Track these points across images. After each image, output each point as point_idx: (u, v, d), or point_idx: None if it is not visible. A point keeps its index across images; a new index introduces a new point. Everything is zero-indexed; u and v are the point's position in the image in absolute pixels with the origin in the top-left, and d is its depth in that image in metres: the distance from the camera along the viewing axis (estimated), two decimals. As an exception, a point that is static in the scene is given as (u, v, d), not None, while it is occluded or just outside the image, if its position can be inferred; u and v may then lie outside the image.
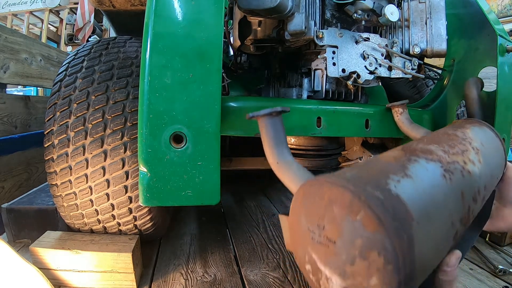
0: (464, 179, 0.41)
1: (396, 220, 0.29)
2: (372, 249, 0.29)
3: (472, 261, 1.07)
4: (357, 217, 0.30)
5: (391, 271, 0.28)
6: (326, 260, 0.34)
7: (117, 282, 0.85)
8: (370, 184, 0.31)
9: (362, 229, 0.29)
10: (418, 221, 0.31)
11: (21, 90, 4.18)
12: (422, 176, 0.36)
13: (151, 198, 0.57)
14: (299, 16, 0.68)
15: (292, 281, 0.93)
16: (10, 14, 4.83)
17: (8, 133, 1.44)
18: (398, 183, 0.33)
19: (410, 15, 0.80)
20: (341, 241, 0.32)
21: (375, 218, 0.28)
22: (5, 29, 1.52)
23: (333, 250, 0.33)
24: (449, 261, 0.39)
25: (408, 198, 0.31)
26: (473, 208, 0.42)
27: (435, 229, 0.33)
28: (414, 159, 0.39)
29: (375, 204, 0.29)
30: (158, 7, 0.55)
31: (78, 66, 0.89)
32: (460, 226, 0.38)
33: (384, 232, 0.28)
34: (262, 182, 1.97)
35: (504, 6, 2.62)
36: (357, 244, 0.30)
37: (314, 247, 0.35)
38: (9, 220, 1.09)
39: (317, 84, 0.84)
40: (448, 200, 0.36)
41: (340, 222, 0.31)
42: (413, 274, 0.29)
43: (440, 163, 0.39)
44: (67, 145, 0.81)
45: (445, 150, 0.43)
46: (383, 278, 0.29)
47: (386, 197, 0.30)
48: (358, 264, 0.30)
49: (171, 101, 0.55)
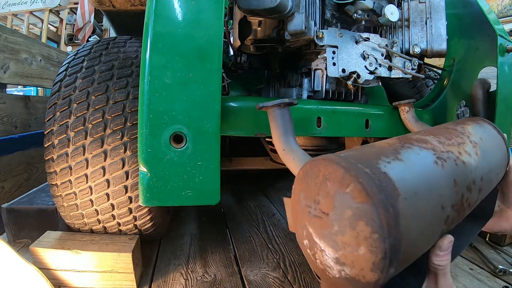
0: (457, 168, 0.42)
1: (382, 192, 0.31)
2: (360, 219, 0.31)
3: (472, 261, 1.07)
4: (347, 190, 0.32)
5: (377, 239, 0.30)
6: (320, 233, 0.37)
7: (117, 282, 0.85)
8: (361, 162, 0.34)
9: (352, 201, 0.32)
10: (406, 197, 0.33)
11: (21, 90, 4.18)
12: (413, 160, 0.38)
13: (151, 198, 0.57)
14: (299, 16, 0.68)
15: (292, 281, 0.93)
16: (10, 14, 4.83)
17: (8, 133, 1.44)
18: (388, 164, 0.35)
19: (410, 15, 0.80)
20: (333, 213, 0.34)
21: (363, 190, 0.31)
22: (5, 29, 1.52)
23: (327, 222, 0.35)
24: (442, 245, 0.40)
25: (396, 176, 0.34)
26: (468, 197, 0.43)
27: (424, 207, 0.35)
28: (408, 146, 0.40)
29: (364, 178, 0.31)
30: (158, 7, 0.55)
31: (78, 66, 0.89)
32: (452, 211, 0.39)
33: (370, 202, 0.31)
34: (262, 182, 1.97)
35: (504, 6, 2.62)
36: (347, 215, 0.33)
37: (311, 221, 0.38)
38: (9, 220, 1.09)
39: (317, 84, 0.84)
40: (438, 184, 0.38)
41: (333, 195, 0.34)
42: (399, 245, 0.31)
43: (433, 151, 0.41)
44: (67, 145, 0.81)
45: (440, 141, 0.45)
46: (370, 246, 0.31)
47: (375, 173, 0.33)
48: (348, 234, 0.33)
49: (171, 101, 0.55)
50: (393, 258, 0.31)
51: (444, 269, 0.42)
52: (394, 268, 0.32)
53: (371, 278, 0.32)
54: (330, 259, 0.36)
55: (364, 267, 0.32)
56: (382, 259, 0.30)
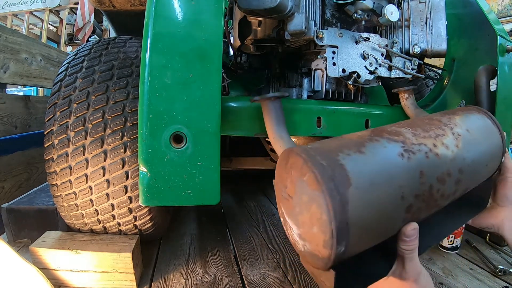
0: (428, 160, 0.44)
1: (332, 182, 0.35)
2: (313, 203, 0.37)
3: (472, 261, 1.07)
4: (304, 178, 0.38)
5: (325, 221, 0.35)
6: (288, 212, 0.43)
7: (117, 282, 0.85)
8: (321, 154, 0.38)
9: (307, 188, 0.37)
10: (358, 187, 0.37)
11: (21, 90, 4.17)
12: (376, 153, 0.41)
13: (151, 198, 0.57)
14: (299, 16, 0.68)
15: (292, 281, 0.93)
16: (10, 14, 4.83)
17: (8, 133, 1.44)
18: (348, 156, 0.39)
19: (410, 15, 0.80)
20: (295, 197, 0.40)
21: (315, 179, 0.36)
22: (5, 29, 1.52)
23: (292, 204, 0.42)
24: (405, 231, 0.43)
25: (352, 168, 0.37)
26: (440, 188, 0.45)
27: (379, 196, 0.38)
28: (376, 139, 0.44)
29: (318, 169, 0.36)
30: (158, 7, 0.55)
31: (78, 66, 0.89)
32: (416, 201, 0.42)
33: (320, 190, 0.35)
34: (262, 182, 1.97)
35: (504, 6, 2.62)
36: (304, 199, 0.38)
37: (283, 202, 0.44)
38: (9, 220, 1.09)
39: (317, 84, 0.84)
40: (398, 175, 0.41)
41: (295, 182, 0.40)
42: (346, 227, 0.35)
43: (402, 144, 0.44)
44: (67, 145, 0.81)
45: (416, 133, 0.47)
46: (320, 227, 0.36)
47: (330, 164, 0.37)
48: (305, 215, 0.39)
49: (171, 101, 0.55)
50: (340, 238, 0.35)
51: (411, 253, 0.44)
52: (343, 247, 0.36)
53: (324, 253, 0.37)
54: (296, 235, 0.43)
55: (318, 243, 0.37)
56: (330, 238, 0.35)
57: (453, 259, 1.09)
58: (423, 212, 0.44)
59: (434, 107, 0.99)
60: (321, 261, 0.38)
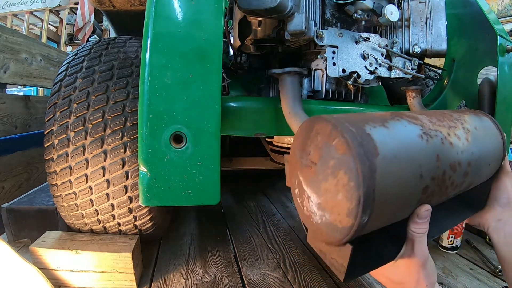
0: (443, 146, 0.44)
1: (362, 147, 0.35)
2: (340, 169, 0.36)
3: (472, 261, 1.07)
4: (333, 143, 0.37)
5: (353, 187, 0.34)
6: (308, 181, 0.42)
7: (117, 282, 0.85)
8: (349, 122, 0.38)
9: (335, 152, 0.37)
10: (384, 157, 0.36)
11: (21, 90, 4.17)
12: (398, 130, 0.42)
13: (151, 198, 0.57)
14: (299, 16, 0.68)
15: (292, 281, 0.93)
16: (10, 14, 4.83)
17: (8, 133, 1.44)
18: (374, 128, 0.39)
19: (410, 15, 0.80)
20: (320, 162, 0.40)
21: (345, 143, 0.35)
22: (5, 29, 1.52)
23: (314, 170, 0.41)
24: (419, 212, 0.43)
25: (378, 139, 0.37)
26: (451, 176, 0.45)
27: (401, 170, 0.38)
28: (397, 118, 0.44)
29: (347, 134, 0.36)
30: (158, 7, 0.54)
31: (78, 66, 0.89)
32: (432, 184, 0.42)
33: (350, 154, 0.35)
34: (262, 182, 1.97)
35: (504, 6, 2.62)
36: (330, 165, 0.38)
37: (302, 170, 0.43)
38: (9, 220, 1.09)
39: (317, 84, 0.84)
40: (418, 154, 0.41)
41: (321, 147, 0.39)
42: (373, 195, 0.34)
43: (421, 127, 0.44)
44: (67, 145, 0.81)
45: (432, 121, 0.47)
46: (347, 193, 0.35)
47: (359, 132, 0.37)
48: (329, 181, 0.38)
49: (171, 101, 0.55)
50: (366, 206, 0.34)
51: (421, 236, 0.45)
52: (367, 216, 0.35)
53: (346, 223, 0.36)
54: (314, 205, 0.41)
55: (341, 212, 0.36)
56: (356, 206, 0.34)
57: (453, 259, 1.09)
58: (435, 196, 0.45)
59: (434, 107, 0.99)
60: (339, 233, 0.37)
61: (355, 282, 0.94)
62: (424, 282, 0.46)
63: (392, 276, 0.47)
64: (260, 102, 0.72)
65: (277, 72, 0.67)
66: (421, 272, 0.45)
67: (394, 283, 0.48)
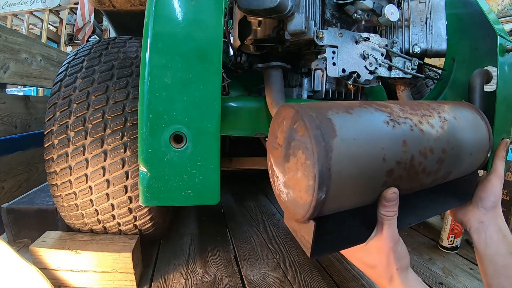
0: (412, 133, 0.46)
1: (318, 130, 0.38)
2: (299, 148, 0.40)
3: (472, 261, 1.07)
4: (294, 126, 0.41)
5: (309, 165, 0.38)
6: (276, 161, 0.46)
7: (117, 282, 0.85)
8: (312, 109, 0.41)
9: (296, 134, 0.41)
10: (342, 139, 0.39)
11: (21, 90, 4.17)
12: (362, 115, 0.44)
13: (151, 198, 0.57)
14: (299, 16, 0.68)
15: (292, 281, 0.93)
16: (10, 14, 4.83)
17: (8, 133, 1.44)
18: (336, 114, 0.42)
19: (410, 15, 0.80)
20: (284, 144, 0.44)
21: (303, 126, 0.39)
22: (5, 29, 1.52)
23: (280, 152, 0.45)
24: (386, 195, 0.45)
25: (338, 123, 0.40)
26: (422, 161, 0.47)
27: (361, 152, 0.40)
28: (365, 106, 0.46)
29: (307, 118, 0.39)
30: (158, 7, 0.54)
31: (78, 66, 0.89)
32: (398, 168, 0.44)
33: (307, 135, 0.38)
34: (262, 182, 1.97)
35: (504, 6, 2.62)
36: (292, 145, 0.42)
37: (272, 152, 0.48)
38: (9, 220, 1.09)
39: (317, 84, 0.84)
40: (382, 138, 0.43)
41: (285, 131, 0.43)
42: (328, 173, 0.37)
43: (389, 114, 0.46)
44: (67, 145, 0.81)
45: (403, 109, 0.49)
46: (304, 171, 0.39)
47: (318, 116, 0.40)
48: (291, 161, 0.42)
49: (171, 101, 0.55)
50: (322, 183, 0.37)
51: (390, 219, 0.46)
52: (324, 193, 0.38)
53: (306, 199, 0.39)
54: (281, 183, 0.45)
55: (301, 189, 0.40)
56: (313, 182, 0.37)
57: (453, 259, 1.09)
58: (404, 181, 0.46)
59: (434, 107, 0.99)
60: (302, 209, 0.40)
61: (355, 282, 0.94)
62: (394, 265, 0.47)
63: (364, 259, 0.50)
64: (260, 102, 0.72)
65: (262, 66, 0.71)
66: (391, 255, 0.47)
67: (367, 266, 0.50)
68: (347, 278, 0.95)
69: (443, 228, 1.14)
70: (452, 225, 1.11)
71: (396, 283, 0.47)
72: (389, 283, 0.48)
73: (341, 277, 0.96)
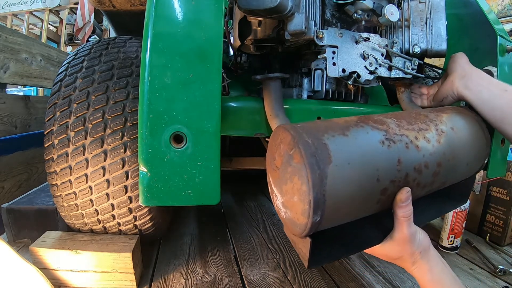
0: (407, 150, 0.47)
1: (314, 158, 0.39)
2: (295, 175, 0.41)
3: (472, 261, 1.07)
4: (291, 152, 0.42)
5: (305, 192, 0.39)
6: (274, 182, 0.49)
7: (117, 282, 0.85)
8: (307, 133, 0.42)
9: (292, 160, 0.42)
10: (337, 164, 0.41)
11: (21, 90, 4.17)
12: (358, 137, 0.45)
13: (151, 198, 0.57)
14: (299, 16, 0.68)
15: (292, 281, 0.93)
16: (10, 14, 4.83)
17: (8, 133, 1.44)
18: (332, 137, 0.43)
19: (410, 15, 0.80)
20: (282, 168, 0.46)
21: (299, 154, 0.40)
22: (5, 29, 1.52)
23: (278, 174, 0.47)
24: (401, 196, 0.47)
25: (334, 148, 0.41)
26: (416, 177, 0.49)
27: (355, 175, 0.42)
28: (361, 125, 0.47)
29: (303, 145, 0.40)
30: (158, 7, 0.54)
31: (78, 66, 0.89)
32: (392, 186, 0.46)
33: (302, 163, 0.40)
34: (262, 182, 1.97)
35: (504, 6, 2.62)
36: (289, 171, 0.43)
37: (271, 173, 0.50)
38: (9, 220, 1.09)
39: (317, 84, 0.84)
40: (377, 159, 0.44)
41: (283, 155, 0.45)
42: (323, 199, 0.39)
43: (385, 132, 0.47)
44: (67, 145, 0.81)
45: (400, 124, 0.50)
46: (300, 196, 0.41)
47: (314, 143, 0.41)
48: (288, 185, 0.44)
49: (171, 101, 0.55)
50: (317, 208, 0.39)
51: (409, 219, 0.50)
52: (319, 217, 0.40)
53: (302, 221, 0.41)
54: (279, 202, 0.48)
55: (297, 211, 0.42)
56: (308, 207, 0.39)
57: (453, 259, 1.09)
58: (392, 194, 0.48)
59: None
60: (299, 228, 0.42)
61: (355, 282, 0.94)
62: (417, 251, 0.52)
63: (388, 253, 0.54)
64: (260, 102, 0.72)
65: (260, 78, 0.71)
66: (414, 246, 0.52)
67: (393, 258, 0.55)
68: (347, 278, 0.96)
69: (443, 228, 1.15)
70: (452, 225, 1.12)
71: (419, 263, 0.52)
72: (413, 265, 0.53)
73: (341, 277, 0.96)
